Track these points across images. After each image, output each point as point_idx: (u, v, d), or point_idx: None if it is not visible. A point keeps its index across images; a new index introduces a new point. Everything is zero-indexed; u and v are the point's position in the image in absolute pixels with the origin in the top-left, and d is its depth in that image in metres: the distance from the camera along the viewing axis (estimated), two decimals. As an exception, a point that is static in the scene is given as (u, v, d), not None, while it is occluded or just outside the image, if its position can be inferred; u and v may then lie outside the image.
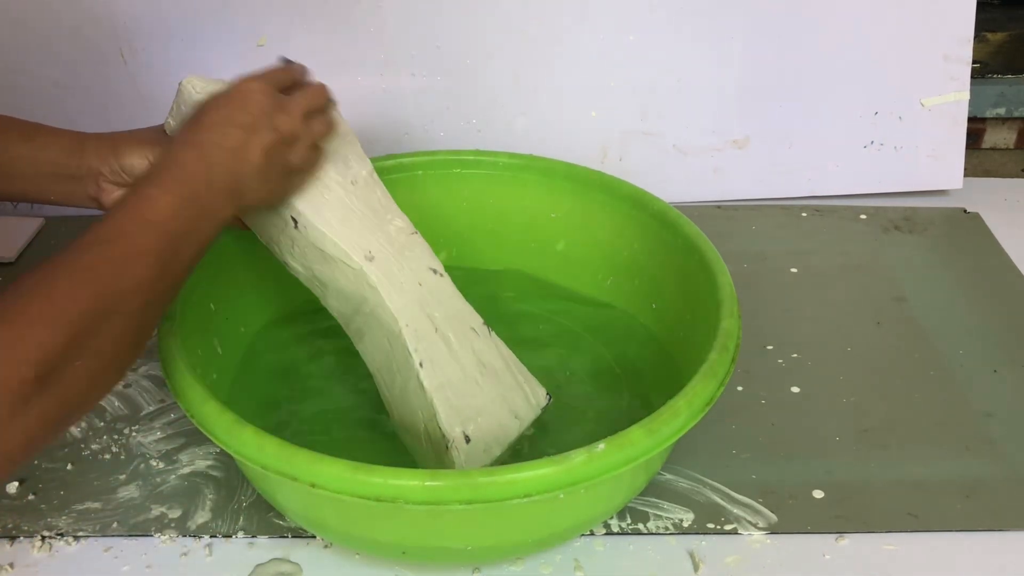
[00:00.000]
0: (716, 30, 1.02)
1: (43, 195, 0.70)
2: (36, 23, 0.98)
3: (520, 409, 0.72)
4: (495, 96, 1.04)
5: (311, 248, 0.68)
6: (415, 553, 0.63)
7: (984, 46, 1.18)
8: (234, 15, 0.99)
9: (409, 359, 0.67)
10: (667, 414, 0.59)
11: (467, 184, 0.87)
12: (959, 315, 0.90)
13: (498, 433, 0.70)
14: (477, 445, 0.68)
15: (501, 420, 0.70)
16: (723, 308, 0.68)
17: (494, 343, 0.72)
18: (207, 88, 0.67)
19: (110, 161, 0.68)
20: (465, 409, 0.68)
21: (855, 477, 0.73)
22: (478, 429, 0.68)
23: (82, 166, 0.68)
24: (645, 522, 0.69)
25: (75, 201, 0.70)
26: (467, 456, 0.67)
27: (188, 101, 0.67)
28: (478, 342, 0.71)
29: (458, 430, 0.67)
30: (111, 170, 0.68)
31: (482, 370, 0.70)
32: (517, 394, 0.72)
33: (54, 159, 0.69)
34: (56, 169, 0.69)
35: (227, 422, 0.59)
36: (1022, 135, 1.22)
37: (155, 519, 0.69)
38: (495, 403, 0.70)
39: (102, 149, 0.69)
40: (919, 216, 1.05)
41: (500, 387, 0.71)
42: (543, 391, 0.74)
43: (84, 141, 0.69)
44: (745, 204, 1.07)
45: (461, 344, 0.70)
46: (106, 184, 0.69)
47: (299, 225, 0.67)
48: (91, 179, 0.69)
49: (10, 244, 0.97)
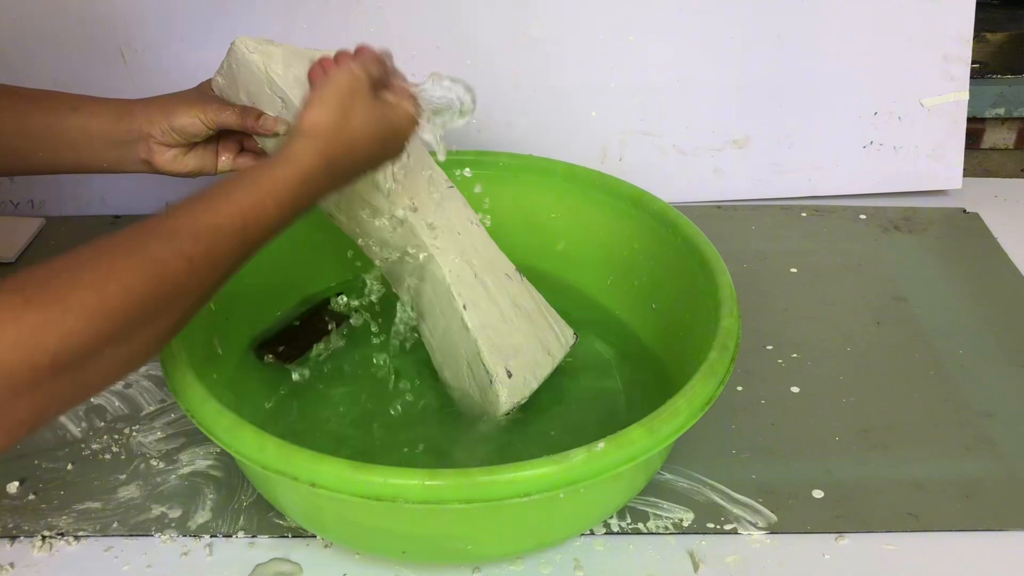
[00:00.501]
0: (716, 30, 1.02)
1: (96, 163, 0.71)
2: (36, 23, 0.98)
3: (552, 347, 0.76)
4: (495, 96, 1.04)
5: (357, 199, 0.70)
6: (415, 553, 0.63)
7: (984, 46, 1.18)
8: (234, 15, 0.99)
9: (453, 302, 0.71)
10: (667, 413, 0.59)
11: (467, 184, 0.87)
12: (959, 315, 0.90)
13: (535, 368, 0.74)
14: (517, 379, 0.72)
15: (537, 357, 0.75)
16: (723, 308, 0.68)
17: (526, 287, 0.77)
18: (258, 47, 0.68)
19: (160, 123, 0.69)
20: (505, 347, 0.73)
21: (855, 477, 0.73)
22: (518, 364, 0.73)
23: (132, 130, 0.69)
24: (645, 522, 0.69)
25: (127, 166, 0.71)
26: (510, 390, 0.72)
27: (241, 60, 0.68)
28: (512, 286, 0.76)
29: (501, 366, 0.71)
30: (161, 131, 0.69)
31: (517, 312, 0.75)
32: (549, 333, 0.77)
33: (104, 126, 0.69)
34: (106, 136, 0.70)
35: (227, 422, 0.59)
36: (1021, 135, 1.22)
37: (155, 519, 0.69)
38: (530, 341, 0.75)
39: (151, 111, 0.70)
40: (919, 216, 1.05)
41: (534, 327, 0.76)
42: (571, 331, 0.79)
43: (132, 106, 0.70)
44: (745, 204, 1.07)
45: (498, 288, 0.74)
46: (156, 145, 0.70)
47: None
48: (142, 142, 0.70)
49: (10, 244, 0.97)
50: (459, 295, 0.71)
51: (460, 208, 0.76)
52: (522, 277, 0.78)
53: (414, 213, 0.71)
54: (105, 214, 1.04)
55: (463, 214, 0.76)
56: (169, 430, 0.76)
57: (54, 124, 0.69)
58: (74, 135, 0.69)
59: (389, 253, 0.73)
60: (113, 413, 0.78)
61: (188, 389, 0.61)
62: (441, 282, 0.72)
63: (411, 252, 0.72)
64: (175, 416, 0.77)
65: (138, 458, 0.74)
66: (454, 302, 0.72)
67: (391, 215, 0.71)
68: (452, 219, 0.74)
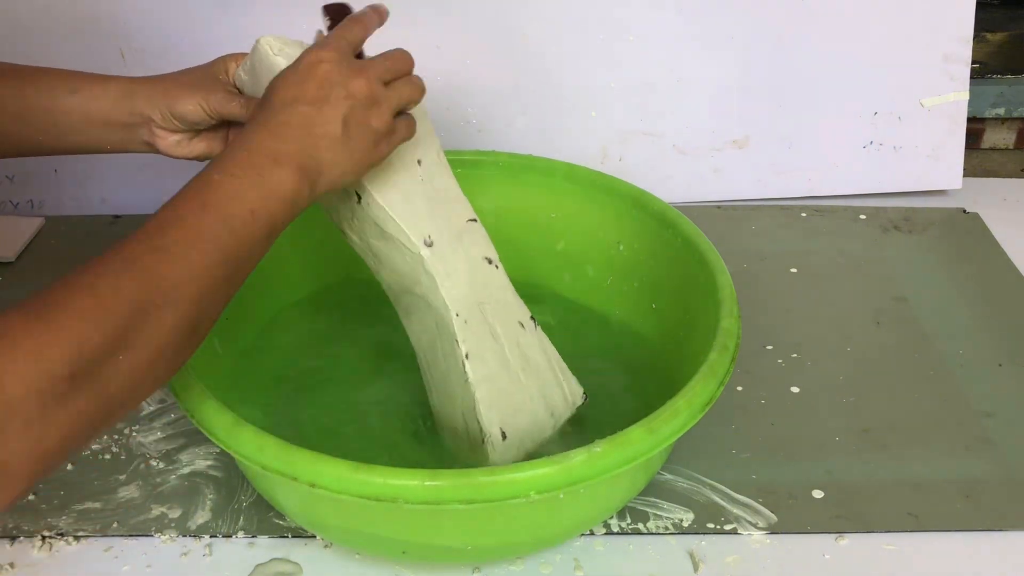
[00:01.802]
0: (716, 30, 1.02)
1: (98, 146, 0.69)
2: (36, 23, 0.98)
3: (557, 407, 0.72)
4: (495, 96, 1.04)
5: (371, 224, 0.67)
6: (415, 553, 0.63)
7: (984, 46, 1.18)
8: (234, 15, 0.99)
9: (456, 349, 0.67)
10: (667, 414, 0.59)
11: (467, 184, 0.87)
12: (959, 315, 0.90)
13: (533, 431, 0.70)
14: (512, 442, 0.68)
15: (537, 417, 0.70)
16: (723, 308, 0.68)
17: (538, 338, 0.73)
18: (284, 49, 0.65)
19: (161, 107, 0.67)
20: (505, 405, 0.68)
21: (855, 477, 0.73)
22: (515, 426, 0.69)
23: (134, 114, 0.67)
24: (645, 522, 0.69)
25: (130, 148, 0.69)
26: (501, 453, 0.68)
27: (263, 60, 0.65)
28: (523, 336, 0.71)
29: (496, 427, 0.67)
30: (162, 116, 0.67)
31: (524, 365, 0.70)
32: (555, 391, 0.72)
33: (105, 109, 0.67)
34: (108, 119, 0.67)
35: (227, 422, 0.59)
36: (1022, 135, 1.22)
37: (155, 519, 0.69)
38: (534, 400, 0.70)
39: (153, 95, 0.67)
40: (919, 216, 1.05)
41: (540, 383, 0.71)
42: (580, 390, 0.74)
43: (134, 88, 0.68)
44: (745, 204, 1.07)
45: (507, 337, 0.70)
46: (159, 130, 0.68)
47: (362, 201, 0.66)
48: (144, 126, 0.68)
49: (10, 244, 0.97)
50: (463, 342, 0.67)
51: (481, 244, 0.70)
52: (536, 326, 0.72)
53: (428, 248, 0.67)
54: (105, 214, 1.04)
55: (483, 251, 0.70)
56: (169, 430, 0.76)
57: (53, 108, 0.67)
58: (74, 119, 0.67)
59: (399, 283, 0.69)
60: (113, 413, 0.78)
61: (188, 389, 0.61)
62: (447, 325, 0.67)
63: (421, 287, 0.68)
64: (175, 416, 0.77)
65: (138, 458, 0.74)
66: (457, 349, 0.67)
67: (405, 247, 0.67)
68: (471, 255, 0.69)
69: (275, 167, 0.56)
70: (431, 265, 0.66)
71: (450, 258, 0.68)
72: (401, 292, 0.70)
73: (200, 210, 0.53)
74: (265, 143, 0.56)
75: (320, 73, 0.59)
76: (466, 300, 0.68)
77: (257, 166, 0.55)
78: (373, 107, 0.60)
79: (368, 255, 0.69)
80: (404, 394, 0.75)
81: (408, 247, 0.66)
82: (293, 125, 0.57)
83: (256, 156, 0.56)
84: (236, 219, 0.54)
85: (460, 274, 0.68)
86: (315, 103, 0.58)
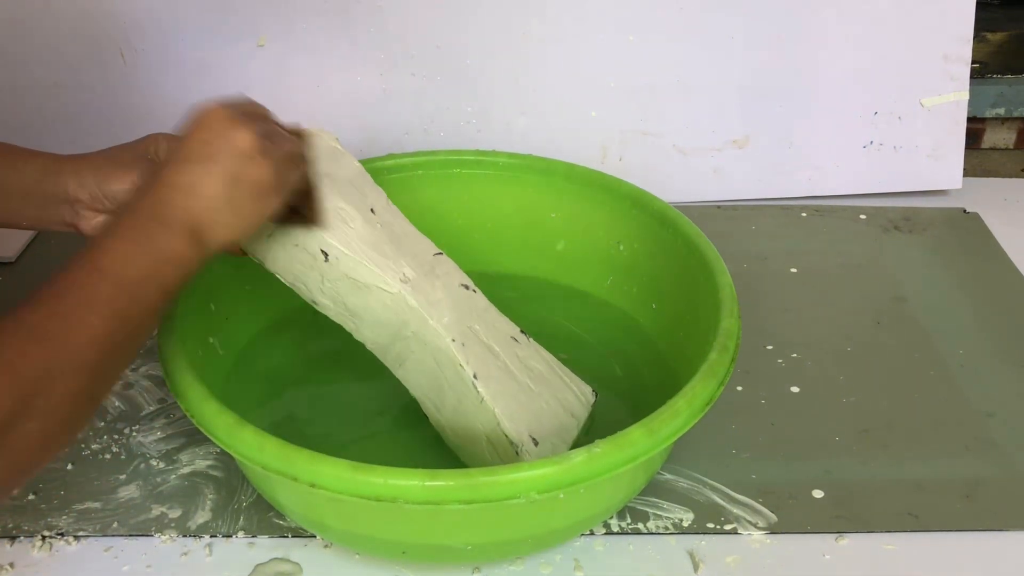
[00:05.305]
0: (716, 30, 1.02)
1: (13, 219, 0.67)
2: (36, 23, 0.98)
3: (574, 407, 0.72)
4: (495, 96, 1.04)
5: (344, 280, 0.67)
6: (415, 553, 0.63)
7: (984, 46, 1.18)
8: (234, 15, 0.99)
9: (462, 374, 0.67)
10: (667, 414, 0.59)
11: (467, 184, 0.87)
12: (959, 315, 0.90)
13: (561, 432, 0.70)
14: (545, 446, 0.68)
15: (560, 420, 0.70)
16: (723, 308, 0.68)
17: (534, 349, 0.73)
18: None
19: (90, 187, 0.65)
20: (526, 414, 0.68)
21: (855, 477, 0.73)
22: (542, 432, 0.68)
23: (58, 190, 0.65)
24: (645, 522, 0.69)
25: (48, 226, 0.67)
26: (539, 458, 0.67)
27: None
28: (520, 350, 0.72)
29: (525, 435, 0.67)
30: (91, 196, 0.65)
31: (531, 375, 0.70)
32: (567, 393, 0.72)
33: (27, 181, 0.65)
34: (29, 191, 0.65)
35: (227, 422, 0.59)
36: (1022, 135, 1.22)
37: (155, 519, 0.69)
38: (551, 404, 0.70)
39: (82, 173, 0.65)
40: (919, 216, 1.05)
41: (551, 388, 0.71)
42: (589, 388, 0.74)
43: (61, 163, 0.66)
44: (745, 204, 1.07)
45: (506, 353, 0.70)
46: (85, 211, 0.66)
47: (330, 258, 0.66)
48: (67, 204, 0.66)
49: (10, 244, 0.97)
50: (467, 364, 0.67)
51: (453, 274, 0.71)
52: (529, 339, 0.73)
53: (406, 284, 0.67)
54: (105, 214, 1.04)
55: (457, 279, 0.71)
56: (169, 430, 0.76)
57: None
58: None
59: (384, 334, 0.69)
60: (113, 413, 0.78)
61: (188, 389, 0.61)
62: (446, 353, 0.67)
63: (409, 327, 0.67)
64: (175, 416, 0.77)
65: (138, 458, 0.74)
66: (462, 372, 0.67)
67: (383, 291, 0.67)
68: (448, 285, 0.70)
69: (162, 231, 0.55)
70: (414, 300, 0.67)
71: (429, 290, 0.68)
72: (389, 343, 0.69)
73: (95, 275, 0.52)
74: (154, 207, 0.56)
75: (205, 127, 0.57)
76: (457, 325, 0.68)
77: (146, 230, 0.55)
78: (257, 160, 0.58)
79: (346, 318, 0.69)
80: (404, 394, 0.75)
81: (386, 289, 0.67)
82: (179, 187, 0.56)
83: (144, 220, 0.55)
84: (131, 283, 0.53)
85: (443, 302, 0.68)
86: (201, 161, 0.57)
